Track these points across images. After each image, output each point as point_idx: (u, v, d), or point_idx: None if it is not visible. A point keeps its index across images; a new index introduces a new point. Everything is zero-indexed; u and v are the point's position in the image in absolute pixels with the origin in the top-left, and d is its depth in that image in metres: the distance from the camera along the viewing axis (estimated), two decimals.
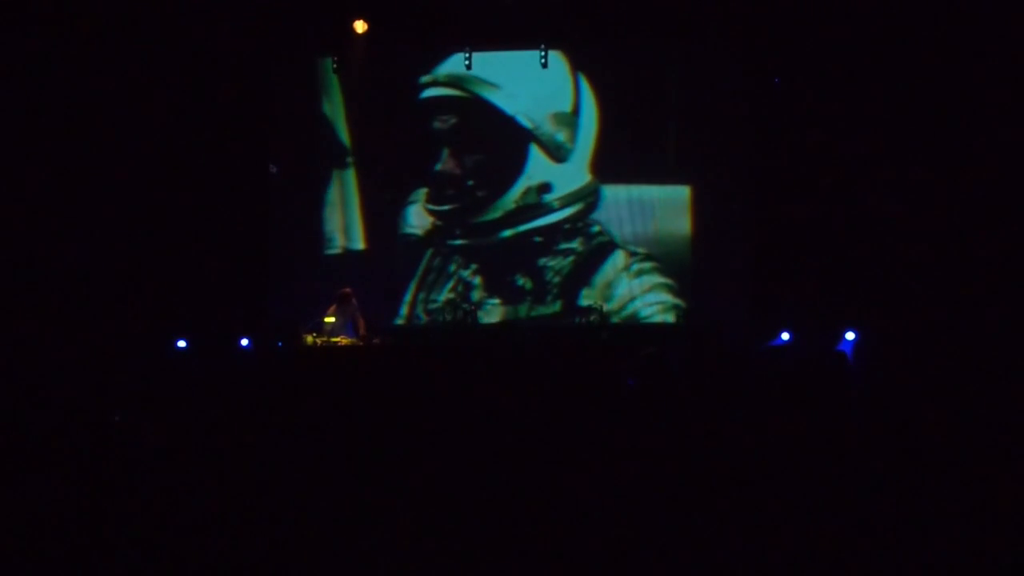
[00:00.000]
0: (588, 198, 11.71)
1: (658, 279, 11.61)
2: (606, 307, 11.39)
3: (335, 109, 11.99)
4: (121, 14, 10.24)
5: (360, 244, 12.08)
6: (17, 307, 9.60)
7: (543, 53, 11.63)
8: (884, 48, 10.04)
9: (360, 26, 11.31)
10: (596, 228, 11.69)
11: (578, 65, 11.73)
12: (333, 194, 12.05)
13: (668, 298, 11.56)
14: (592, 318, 11.28)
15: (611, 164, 11.68)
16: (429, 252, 11.92)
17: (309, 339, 9.94)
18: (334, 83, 12.00)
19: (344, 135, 12.03)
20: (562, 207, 11.72)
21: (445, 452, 5.41)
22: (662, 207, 11.61)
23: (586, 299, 11.53)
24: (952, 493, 4.52)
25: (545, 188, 11.70)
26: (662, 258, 11.60)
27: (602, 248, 11.72)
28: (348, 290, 10.56)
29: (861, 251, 10.24)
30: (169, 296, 10.63)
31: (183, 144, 10.87)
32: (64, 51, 10.05)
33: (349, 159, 12.02)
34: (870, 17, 10.04)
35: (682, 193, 11.60)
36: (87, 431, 6.09)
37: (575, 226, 11.75)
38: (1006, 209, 9.34)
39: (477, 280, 11.82)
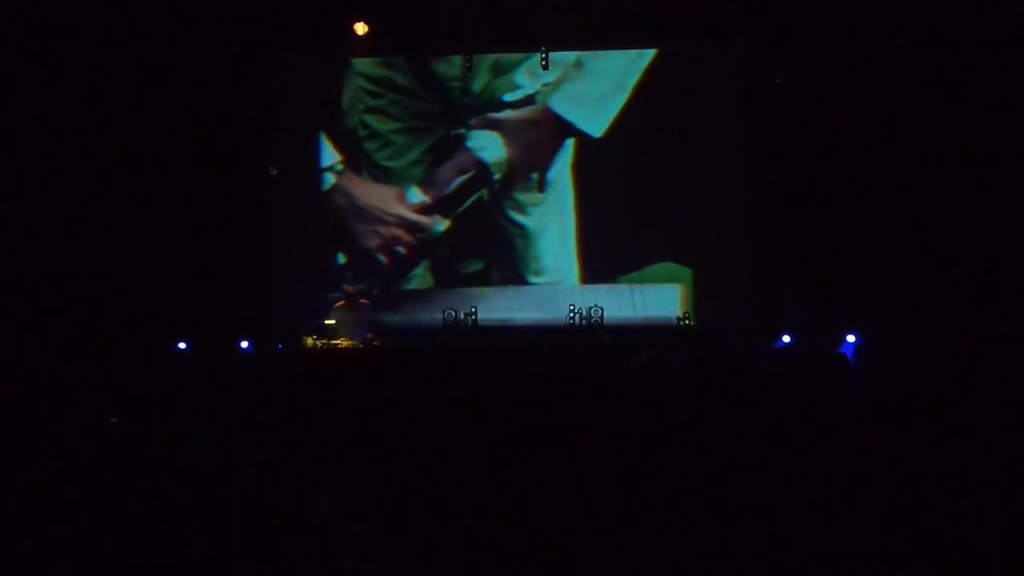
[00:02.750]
0: None
1: (659, 281, 11.59)
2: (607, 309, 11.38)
3: (336, 109, 11.98)
4: (119, 14, 10.23)
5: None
6: (17, 308, 9.57)
7: (543, 55, 11.63)
8: (886, 48, 10.03)
9: (360, 27, 11.32)
10: None
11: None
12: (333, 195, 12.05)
13: (669, 300, 11.54)
14: (593, 320, 11.27)
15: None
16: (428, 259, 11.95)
17: (309, 341, 9.92)
18: (335, 84, 11.99)
19: (344, 136, 12.02)
20: None
21: (445, 454, 5.40)
22: None
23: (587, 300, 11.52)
24: (953, 494, 4.51)
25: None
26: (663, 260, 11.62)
27: None
28: (349, 288, 10.52)
29: (863, 253, 10.22)
30: (169, 298, 10.61)
31: (183, 145, 10.84)
32: (63, 51, 10.03)
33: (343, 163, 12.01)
34: (872, 17, 10.02)
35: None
36: (87, 433, 6.09)
37: None
38: (1008, 211, 9.32)
39: (478, 267, 11.83)
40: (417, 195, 11.87)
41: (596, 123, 11.68)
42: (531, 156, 11.74)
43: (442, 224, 11.84)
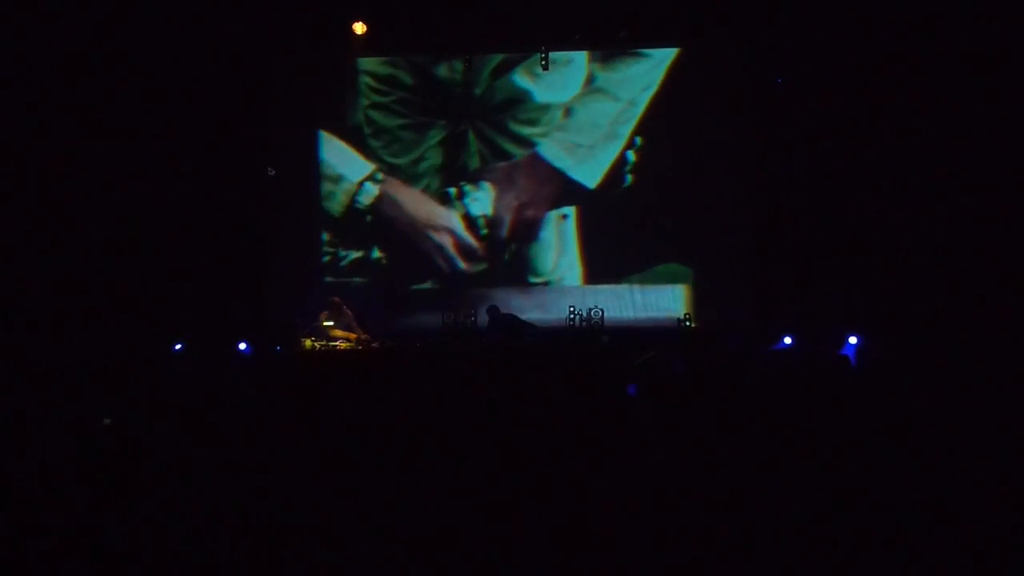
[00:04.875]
0: None
1: (662, 282, 11.59)
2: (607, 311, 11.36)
3: (339, 108, 11.96)
4: (117, 14, 10.20)
5: None
6: (14, 310, 9.56)
7: (543, 56, 11.63)
8: (887, 49, 10.01)
9: (359, 27, 11.30)
10: None
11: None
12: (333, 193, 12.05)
13: (671, 301, 11.53)
14: (593, 321, 11.26)
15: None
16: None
17: (308, 343, 9.92)
18: (336, 83, 11.98)
19: (348, 134, 12.00)
20: None
21: (445, 456, 5.37)
22: None
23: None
24: (955, 496, 4.50)
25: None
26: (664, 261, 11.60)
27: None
28: (336, 299, 10.58)
29: (864, 254, 10.21)
30: (167, 300, 10.58)
31: (181, 146, 10.82)
32: (62, 51, 10.01)
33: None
34: (873, 16, 10.01)
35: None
36: (85, 435, 6.07)
37: None
38: (1010, 212, 9.31)
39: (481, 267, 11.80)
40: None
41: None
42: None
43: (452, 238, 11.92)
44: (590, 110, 11.72)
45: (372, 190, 11.94)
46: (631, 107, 11.67)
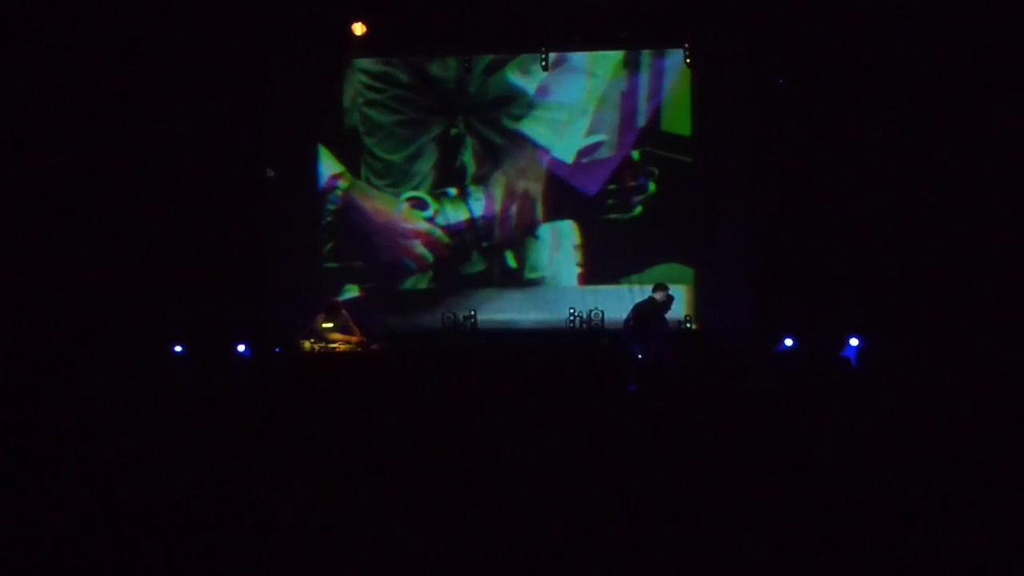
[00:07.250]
0: None
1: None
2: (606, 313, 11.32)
3: (337, 109, 11.95)
4: (116, 14, 10.18)
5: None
6: (14, 312, 9.54)
7: (543, 56, 11.62)
8: (888, 51, 10.00)
9: (359, 28, 11.27)
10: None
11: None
12: (331, 197, 12.02)
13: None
14: (594, 323, 11.23)
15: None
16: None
17: (307, 345, 9.89)
18: (335, 84, 11.96)
19: (346, 134, 11.98)
20: None
21: (443, 457, 5.36)
22: None
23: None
24: (955, 496, 4.49)
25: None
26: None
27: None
28: (335, 300, 10.54)
29: (865, 256, 10.20)
30: (166, 301, 10.56)
31: (180, 147, 10.79)
32: (61, 52, 10.00)
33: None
34: (872, 18, 10.00)
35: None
36: (84, 436, 6.06)
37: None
38: (1010, 213, 9.30)
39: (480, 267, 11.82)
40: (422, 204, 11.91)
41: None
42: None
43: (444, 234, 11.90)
44: (566, 88, 11.73)
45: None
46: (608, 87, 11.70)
